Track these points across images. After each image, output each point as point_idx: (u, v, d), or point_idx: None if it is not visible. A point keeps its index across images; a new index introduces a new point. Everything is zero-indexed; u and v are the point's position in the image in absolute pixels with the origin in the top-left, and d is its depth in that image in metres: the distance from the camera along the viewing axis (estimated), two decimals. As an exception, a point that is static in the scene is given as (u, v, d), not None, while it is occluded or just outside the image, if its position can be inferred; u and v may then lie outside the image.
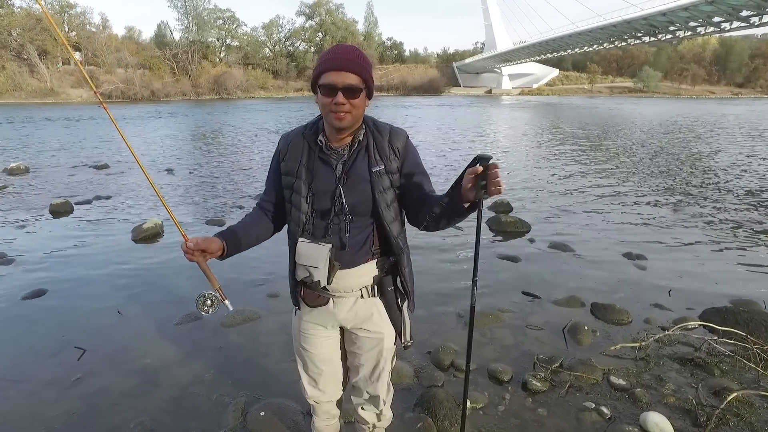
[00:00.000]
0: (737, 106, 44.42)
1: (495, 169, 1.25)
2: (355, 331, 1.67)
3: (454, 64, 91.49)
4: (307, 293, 1.61)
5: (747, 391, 2.61)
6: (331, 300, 1.61)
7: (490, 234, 5.90)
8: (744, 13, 33.97)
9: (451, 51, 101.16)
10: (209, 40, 71.69)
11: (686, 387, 2.72)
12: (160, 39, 71.19)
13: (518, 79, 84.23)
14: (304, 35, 79.39)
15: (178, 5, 67.47)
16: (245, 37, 76.46)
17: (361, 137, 1.51)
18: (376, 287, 1.62)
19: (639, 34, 46.84)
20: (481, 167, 1.27)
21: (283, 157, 1.57)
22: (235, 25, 75.32)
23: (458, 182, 1.35)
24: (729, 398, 2.51)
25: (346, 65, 1.37)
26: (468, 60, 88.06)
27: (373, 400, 1.81)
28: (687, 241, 5.64)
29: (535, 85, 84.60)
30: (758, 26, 36.53)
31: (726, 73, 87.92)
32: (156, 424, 2.43)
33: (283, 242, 1.65)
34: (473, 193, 1.29)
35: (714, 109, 39.60)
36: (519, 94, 79.63)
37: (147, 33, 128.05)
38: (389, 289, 1.63)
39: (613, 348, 3.13)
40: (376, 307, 1.64)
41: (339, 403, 1.90)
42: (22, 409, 2.56)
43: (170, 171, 10.43)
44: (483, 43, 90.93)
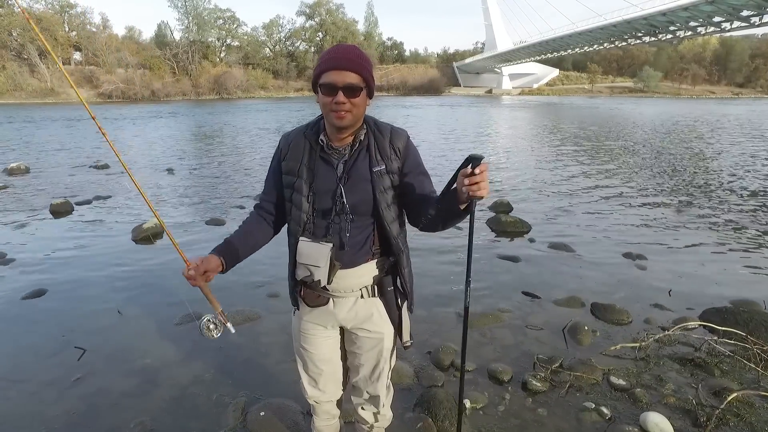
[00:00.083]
0: (738, 106, 44.40)
1: (483, 171, 1.24)
2: (355, 331, 1.67)
3: (455, 64, 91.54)
4: (307, 293, 1.61)
5: (747, 391, 2.61)
6: (331, 300, 1.61)
7: (490, 234, 5.90)
8: (744, 13, 33.98)
9: (451, 51, 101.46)
10: (209, 40, 71.74)
11: (686, 387, 2.72)
12: (161, 39, 71.28)
13: (518, 79, 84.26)
14: (305, 35, 79.46)
15: (179, 5, 67.58)
16: (245, 37, 76.54)
17: (362, 137, 1.51)
18: (376, 287, 1.62)
19: (639, 34, 46.85)
20: (470, 168, 1.26)
21: (284, 156, 1.57)
22: (235, 25, 75.46)
23: (452, 183, 1.35)
24: (729, 398, 2.51)
25: (346, 64, 1.37)
26: (468, 60, 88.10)
27: (373, 400, 1.81)
28: (687, 242, 5.64)
29: (535, 85, 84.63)
30: (758, 26, 36.55)
31: (726, 73, 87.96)
32: (156, 424, 2.43)
33: (283, 243, 1.64)
34: (465, 195, 1.29)
35: (714, 109, 39.59)
36: (519, 94, 79.66)
37: (147, 33, 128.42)
38: (389, 289, 1.63)
39: (613, 348, 3.13)
40: (376, 307, 1.64)
41: (339, 403, 1.90)
42: (22, 409, 2.56)
43: (171, 171, 10.43)
44: (483, 43, 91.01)
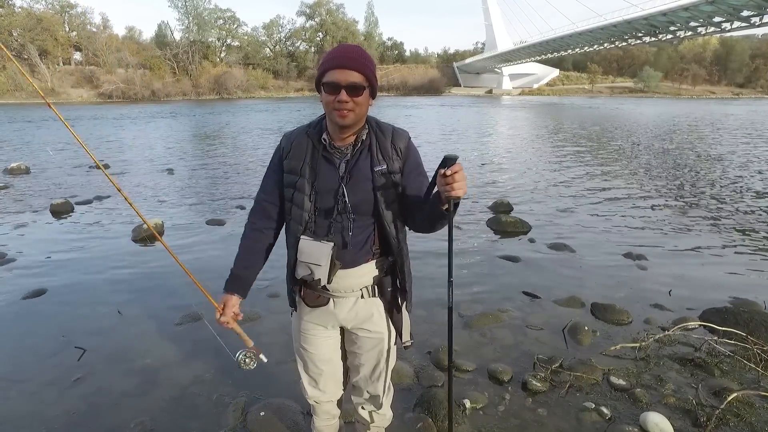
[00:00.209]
0: (738, 107, 44.39)
1: (455, 171, 1.27)
2: (355, 331, 1.67)
3: (455, 64, 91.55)
4: (307, 293, 1.61)
5: (747, 391, 2.60)
6: (332, 300, 1.61)
7: (490, 234, 5.90)
8: (745, 13, 34.00)
9: (451, 51, 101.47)
10: (210, 40, 71.79)
11: (686, 387, 2.72)
12: (161, 39, 71.38)
13: (519, 79, 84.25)
14: (305, 35, 79.53)
15: (179, 5, 67.62)
16: (246, 37, 76.61)
17: (364, 137, 1.52)
18: (376, 287, 1.62)
19: (639, 34, 46.86)
20: (443, 169, 1.28)
21: (286, 155, 1.57)
22: (235, 25, 75.55)
23: (433, 184, 1.37)
24: (729, 398, 2.50)
25: (349, 64, 1.38)
26: (468, 60, 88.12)
27: (374, 399, 1.81)
28: (687, 242, 5.64)
29: (535, 85, 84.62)
30: (759, 26, 36.57)
31: (726, 73, 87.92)
32: (156, 424, 2.43)
33: (284, 245, 1.65)
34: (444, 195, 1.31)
35: (715, 109, 39.58)
36: (519, 94, 79.65)
37: (147, 33, 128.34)
38: (389, 289, 1.64)
39: (613, 348, 3.13)
40: (377, 307, 1.64)
41: (339, 403, 1.90)
42: (22, 409, 2.56)
43: (171, 171, 10.44)
44: (483, 43, 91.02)
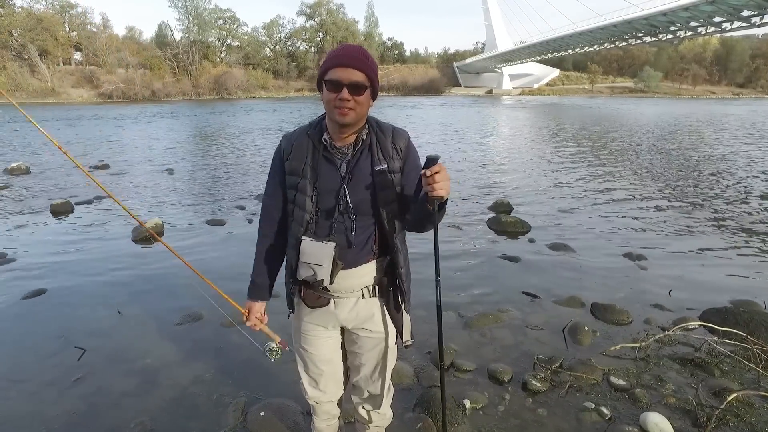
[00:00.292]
0: (739, 107, 44.38)
1: (435, 172, 1.30)
2: (356, 331, 1.67)
3: (455, 64, 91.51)
4: (308, 294, 1.61)
5: (747, 391, 2.60)
6: (332, 300, 1.61)
7: (490, 234, 5.90)
8: (745, 13, 33.98)
9: (451, 51, 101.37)
10: (210, 40, 71.69)
11: (686, 387, 2.72)
12: (161, 39, 71.34)
13: (519, 79, 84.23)
14: (305, 35, 79.46)
15: (179, 5, 67.53)
16: (246, 37, 76.53)
17: (364, 136, 1.52)
18: (376, 287, 1.62)
19: (640, 34, 46.83)
20: (424, 169, 1.32)
21: (287, 156, 1.56)
22: (235, 25, 75.46)
23: (420, 185, 1.40)
24: (729, 399, 2.50)
25: (352, 62, 1.39)
26: (468, 60, 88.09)
27: (374, 399, 1.81)
28: (687, 242, 5.64)
29: (535, 85, 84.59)
30: (759, 26, 36.55)
31: (727, 73, 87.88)
32: (156, 424, 2.43)
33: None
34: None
35: (716, 109, 39.57)
36: (519, 94, 79.62)
37: (148, 33, 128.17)
38: (389, 288, 1.64)
39: (613, 348, 3.13)
40: (377, 306, 1.64)
41: (339, 402, 1.90)
42: (22, 409, 2.56)
43: (171, 171, 10.43)
44: (483, 43, 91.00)
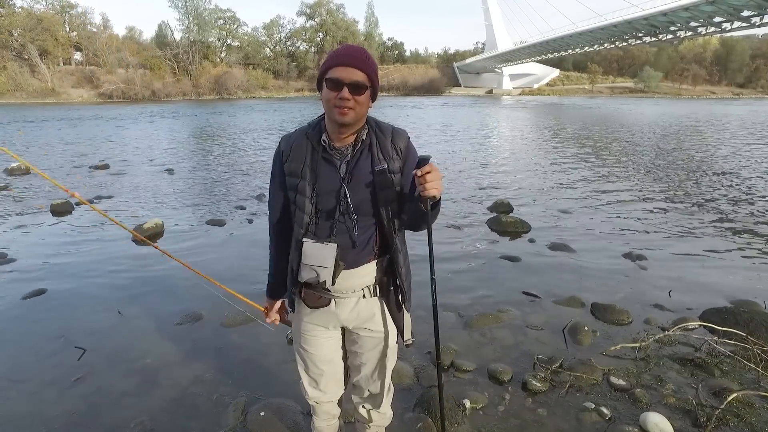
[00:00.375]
0: (739, 107, 44.38)
1: (426, 172, 1.33)
2: (357, 330, 1.67)
3: (455, 65, 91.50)
4: (308, 294, 1.60)
5: (747, 391, 2.60)
6: (333, 300, 1.61)
7: (490, 234, 5.90)
8: (745, 13, 33.99)
9: (451, 51, 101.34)
10: (210, 40, 71.70)
11: (686, 387, 2.72)
12: (161, 39, 71.34)
13: (519, 79, 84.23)
14: (305, 35, 79.48)
15: (179, 5, 67.51)
16: (246, 37, 76.55)
17: (364, 137, 1.52)
18: (377, 286, 1.62)
19: (640, 34, 46.84)
20: (415, 170, 1.35)
21: (286, 158, 1.56)
22: (235, 25, 75.47)
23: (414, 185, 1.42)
24: (729, 399, 2.50)
25: (353, 62, 1.39)
26: (469, 60, 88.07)
27: (374, 399, 1.81)
28: (688, 242, 5.64)
29: (535, 85, 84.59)
30: (759, 26, 36.56)
31: (727, 73, 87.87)
32: (156, 424, 2.43)
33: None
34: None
35: (716, 109, 39.57)
36: (520, 94, 79.62)
37: (148, 33, 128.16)
38: (390, 288, 1.64)
39: (613, 348, 3.13)
40: (378, 306, 1.64)
41: (339, 402, 1.90)
42: (22, 409, 2.56)
43: (171, 171, 10.43)
44: (484, 44, 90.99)
